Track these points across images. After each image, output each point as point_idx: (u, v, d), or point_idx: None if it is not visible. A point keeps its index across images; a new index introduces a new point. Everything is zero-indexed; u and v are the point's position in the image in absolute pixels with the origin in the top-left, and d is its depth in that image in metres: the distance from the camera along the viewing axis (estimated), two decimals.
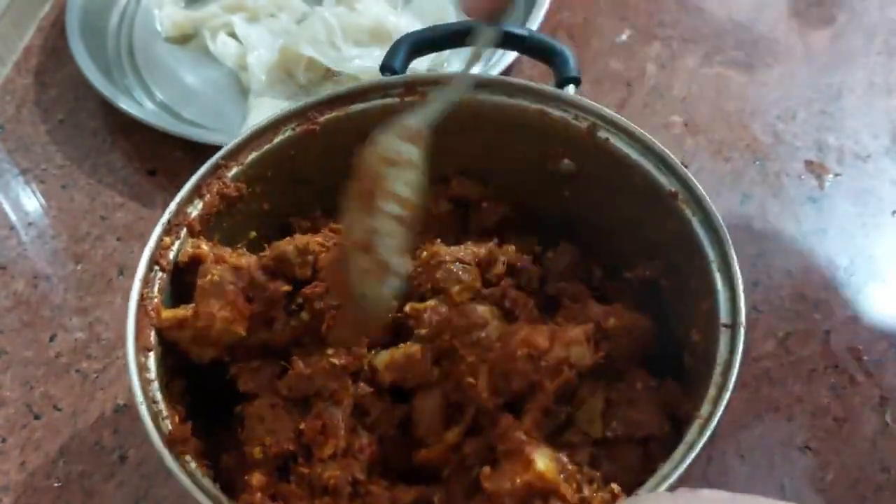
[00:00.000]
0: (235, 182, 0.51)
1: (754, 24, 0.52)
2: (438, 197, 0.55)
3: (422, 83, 0.52)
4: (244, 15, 0.80)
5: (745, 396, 0.56)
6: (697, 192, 0.46)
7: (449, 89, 0.46)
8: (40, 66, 0.80)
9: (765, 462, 0.53)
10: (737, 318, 0.42)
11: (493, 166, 0.55)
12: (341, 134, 0.52)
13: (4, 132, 0.75)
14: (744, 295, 0.42)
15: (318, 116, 0.52)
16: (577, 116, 0.51)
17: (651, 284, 0.50)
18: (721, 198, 0.66)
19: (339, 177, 0.49)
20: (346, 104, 0.52)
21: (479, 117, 0.52)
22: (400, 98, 0.52)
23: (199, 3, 0.84)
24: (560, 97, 0.51)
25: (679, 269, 0.47)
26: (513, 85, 0.52)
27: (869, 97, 0.73)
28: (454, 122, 0.50)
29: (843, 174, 0.67)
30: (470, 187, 0.56)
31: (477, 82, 0.52)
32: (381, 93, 0.53)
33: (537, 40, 0.59)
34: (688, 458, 0.38)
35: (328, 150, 0.52)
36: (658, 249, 0.49)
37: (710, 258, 0.44)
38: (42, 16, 0.84)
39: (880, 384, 0.56)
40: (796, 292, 0.61)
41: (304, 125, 0.52)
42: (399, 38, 0.60)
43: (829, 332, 0.58)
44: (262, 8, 0.80)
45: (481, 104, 0.52)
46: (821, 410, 0.55)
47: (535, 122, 0.51)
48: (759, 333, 0.59)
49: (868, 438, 0.54)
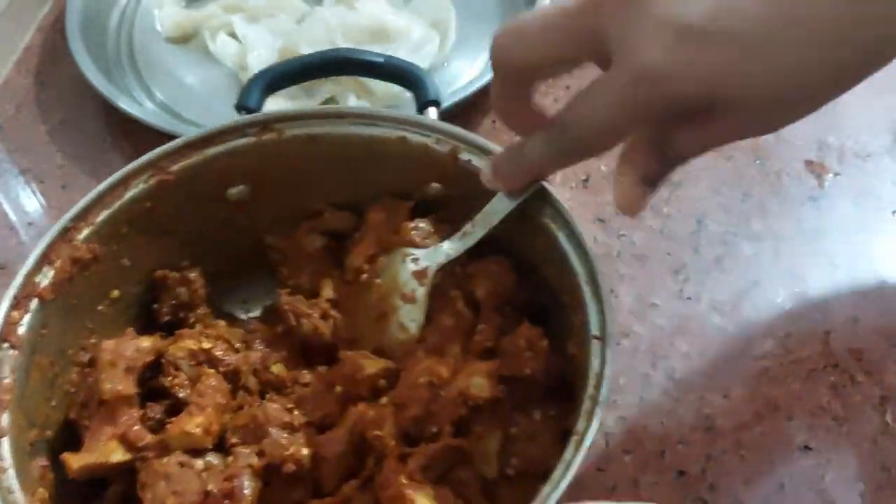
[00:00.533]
0: (87, 244, 0.49)
1: None
2: (311, 232, 0.55)
3: (276, 120, 0.52)
4: (244, 15, 0.79)
5: (745, 396, 0.56)
6: (561, 209, 0.46)
7: (470, 236, 0.48)
8: (40, 66, 0.80)
9: (765, 461, 0.53)
10: (605, 330, 0.41)
11: (364, 197, 0.54)
12: (199, 180, 0.51)
13: (4, 132, 0.75)
14: (614, 309, 0.43)
15: (171, 165, 0.51)
16: (439, 140, 0.50)
17: (534, 305, 0.50)
18: (721, 196, 0.66)
19: (205, 224, 0.52)
20: (199, 149, 0.51)
21: (344, 148, 0.52)
22: (256, 137, 0.51)
23: (200, 3, 0.84)
24: (419, 122, 0.51)
25: (553, 286, 0.47)
26: (373, 114, 0.52)
27: (869, 97, 0.72)
28: (320, 155, 0.52)
29: (843, 174, 0.67)
30: (342, 220, 0.55)
31: (338, 113, 0.52)
32: (237, 134, 0.52)
33: (395, 65, 0.60)
34: (566, 477, 0.37)
35: (188, 198, 0.52)
36: (533, 268, 0.49)
37: (578, 272, 0.44)
38: (42, 16, 0.84)
39: (880, 384, 0.56)
40: (796, 292, 0.61)
41: (157, 176, 0.50)
42: (252, 76, 0.60)
43: (828, 333, 0.58)
44: (262, 8, 0.80)
45: (345, 136, 0.52)
46: (821, 410, 0.55)
47: (397, 149, 0.51)
48: (759, 333, 0.59)
49: (868, 438, 0.53)
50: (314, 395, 0.49)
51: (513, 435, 0.45)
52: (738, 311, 0.60)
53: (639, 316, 0.60)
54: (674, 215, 0.66)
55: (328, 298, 0.53)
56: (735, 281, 0.61)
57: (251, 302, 0.58)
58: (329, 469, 0.45)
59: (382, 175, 0.53)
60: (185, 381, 0.48)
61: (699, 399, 0.56)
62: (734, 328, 0.59)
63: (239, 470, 0.44)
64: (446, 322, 0.48)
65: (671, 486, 0.52)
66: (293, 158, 0.52)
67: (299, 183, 0.54)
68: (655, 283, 0.62)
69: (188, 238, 0.53)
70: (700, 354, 0.58)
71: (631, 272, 0.62)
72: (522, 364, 0.45)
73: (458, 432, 0.44)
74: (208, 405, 0.46)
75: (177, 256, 0.53)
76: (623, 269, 0.63)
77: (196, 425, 0.45)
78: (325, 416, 0.48)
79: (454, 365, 0.46)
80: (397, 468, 0.42)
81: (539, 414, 0.45)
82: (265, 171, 0.53)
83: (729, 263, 0.63)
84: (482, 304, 0.49)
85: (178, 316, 0.53)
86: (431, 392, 0.44)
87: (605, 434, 0.54)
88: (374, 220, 0.53)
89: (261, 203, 0.54)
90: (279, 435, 0.46)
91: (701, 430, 0.54)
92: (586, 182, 0.68)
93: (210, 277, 0.54)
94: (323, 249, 0.55)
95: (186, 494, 0.43)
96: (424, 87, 0.57)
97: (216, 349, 0.49)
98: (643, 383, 0.56)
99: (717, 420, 0.55)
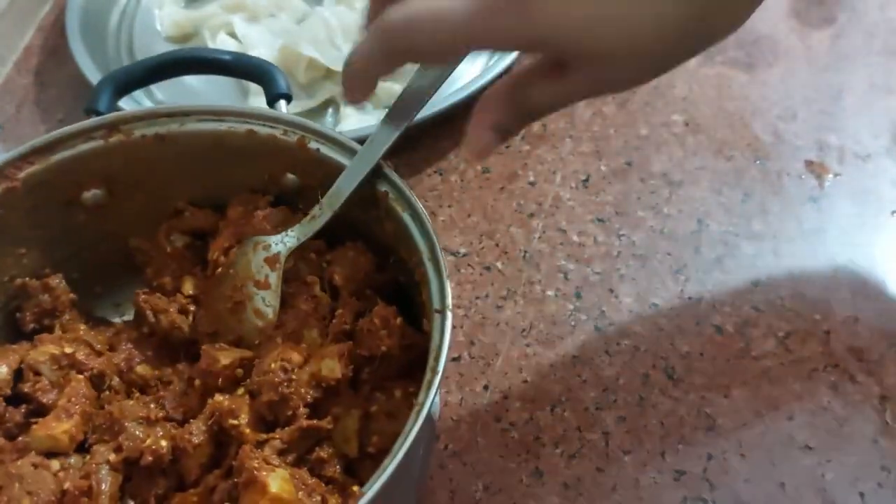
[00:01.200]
0: None
1: (755, 24, 0.52)
2: (172, 231, 0.55)
3: (122, 122, 0.52)
4: (244, 15, 0.80)
5: (746, 395, 0.56)
6: (404, 191, 0.47)
7: (318, 218, 0.49)
8: (40, 66, 0.80)
9: (765, 461, 0.53)
10: (444, 302, 0.42)
11: (223, 193, 0.54)
12: (48, 186, 0.51)
13: (4, 132, 0.75)
14: (449, 282, 0.43)
15: (17, 173, 0.50)
16: (286, 132, 0.51)
17: (394, 286, 0.51)
18: (722, 196, 0.66)
19: (63, 230, 0.52)
20: (46, 155, 0.51)
21: (194, 146, 0.52)
22: (104, 140, 0.51)
23: (200, 2, 0.84)
24: (265, 115, 0.52)
25: (405, 265, 0.48)
26: (218, 110, 0.52)
27: (869, 97, 0.73)
28: (171, 154, 0.52)
29: (843, 174, 0.67)
30: (203, 218, 0.55)
31: (183, 111, 0.52)
32: (84, 137, 0.51)
33: (245, 62, 0.60)
34: (403, 447, 0.38)
35: (40, 205, 0.51)
36: (390, 251, 0.50)
37: (422, 250, 0.45)
38: (42, 16, 0.84)
39: (880, 383, 0.56)
40: (796, 292, 0.61)
41: (3, 183, 0.50)
42: (101, 80, 0.60)
43: (828, 332, 0.58)
44: (263, 8, 0.80)
45: (192, 134, 0.52)
46: (821, 410, 0.55)
47: (246, 142, 0.51)
48: (759, 332, 0.59)
49: (868, 438, 0.53)
50: (175, 392, 0.49)
51: (373, 413, 0.46)
52: (738, 311, 0.60)
53: (639, 316, 0.60)
54: (674, 215, 0.66)
55: (188, 294, 0.53)
56: (735, 281, 0.61)
57: (124, 305, 0.58)
58: (190, 461, 0.45)
59: (235, 170, 0.53)
60: (48, 386, 0.48)
61: (699, 399, 0.56)
62: (734, 328, 0.59)
63: (96, 467, 0.45)
64: (303, 307, 0.49)
65: (671, 486, 0.52)
66: (145, 159, 0.52)
67: (156, 183, 0.54)
68: (655, 283, 0.62)
69: (47, 245, 0.53)
70: (700, 354, 0.58)
71: (631, 272, 0.62)
72: (378, 343, 0.46)
73: (316, 414, 0.45)
74: (76, 412, 0.47)
75: (38, 263, 0.53)
76: (623, 269, 0.63)
77: (63, 431, 0.46)
78: (186, 412, 0.48)
79: (310, 350, 0.47)
80: (252, 454, 0.43)
81: (400, 392, 0.46)
82: (118, 173, 0.52)
83: (729, 263, 0.63)
84: (340, 289, 0.50)
85: (44, 323, 0.52)
86: (284, 377, 0.45)
87: (604, 434, 0.54)
88: (233, 215, 0.53)
89: (120, 206, 0.54)
90: (136, 428, 0.46)
91: (701, 430, 0.54)
92: (586, 182, 0.68)
93: (77, 283, 0.54)
94: (185, 248, 0.55)
95: (42, 494, 0.43)
96: (274, 81, 0.57)
97: (78, 353, 0.50)
98: (643, 383, 0.57)
99: (718, 420, 0.55)
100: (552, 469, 0.53)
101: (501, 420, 0.55)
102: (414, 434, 0.38)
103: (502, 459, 0.54)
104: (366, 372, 0.47)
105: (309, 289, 0.50)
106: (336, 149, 0.50)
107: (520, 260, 0.64)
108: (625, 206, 0.66)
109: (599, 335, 0.59)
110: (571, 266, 0.63)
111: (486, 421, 0.55)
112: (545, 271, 0.63)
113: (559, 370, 0.57)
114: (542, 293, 0.62)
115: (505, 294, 0.62)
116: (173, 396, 0.49)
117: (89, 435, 0.47)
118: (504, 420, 0.55)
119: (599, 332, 0.59)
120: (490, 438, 0.54)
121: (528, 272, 0.63)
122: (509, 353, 0.58)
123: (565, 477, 0.53)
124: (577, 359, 0.58)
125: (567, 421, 0.55)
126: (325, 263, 0.51)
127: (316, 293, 0.50)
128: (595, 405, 0.56)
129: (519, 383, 0.57)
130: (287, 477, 0.42)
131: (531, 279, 0.62)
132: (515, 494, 0.52)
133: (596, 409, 0.55)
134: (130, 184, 0.53)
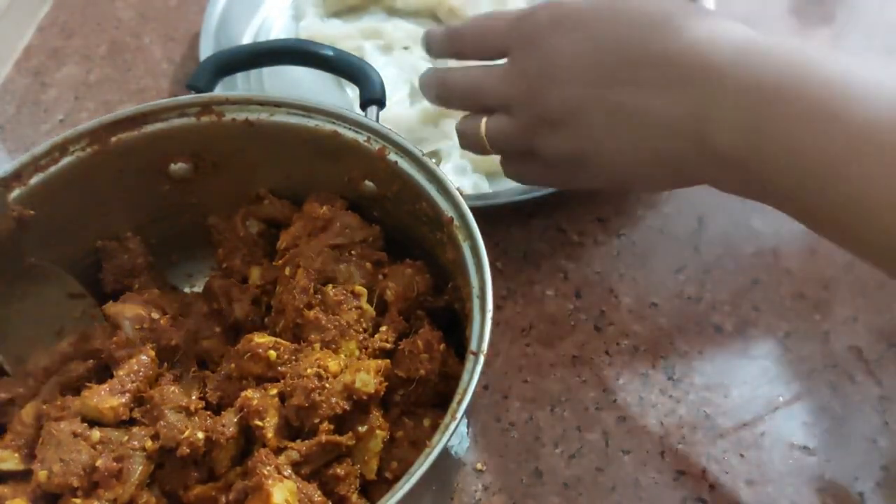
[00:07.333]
0: (20, 205, 0.49)
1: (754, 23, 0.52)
2: (249, 216, 0.55)
3: (217, 103, 0.52)
4: (378, 42, 0.77)
5: (745, 396, 0.56)
6: (468, 219, 0.46)
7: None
8: (40, 66, 0.80)
9: (765, 461, 0.53)
10: (480, 345, 0.41)
11: (303, 187, 0.55)
12: (137, 153, 0.52)
13: (4, 132, 0.75)
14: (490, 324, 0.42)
15: (110, 137, 0.51)
16: (369, 139, 0.51)
17: (450, 310, 0.50)
18: (723, 197, 0.66)
19: (147, 197, 0.54)
20: (139, 124, 0.52)
21: (282, 137, 0.53)
22: (196, 118, 0.52)
23: (344, 16, 0.81)
24: (352, 119, 0.51)
25: (461, 294, 0.47)
26: (308, 106, 0.52)
27: None
28: (258, 141, 0.53)
29: None
30: (281, 208, 0.55)
31: (276, 102, 0.52)
32: (178, 112, 0.52)
33: (345, 59, 0.59)
34: (404, 487, 0.37)
35: (127, 170, 0.53)
36: (448, 275, 0.49)
37: (474, 285, 0.44)
38: (42, 16, 0.84)
39: (880, 384, 0.56)
40: (796, 291, 0.61)
41: (94, 145, 0.51)
42: (205, 59, 0.60)
43: (828, 332, 0.58)
44: (398, 40, 0.77)
45: (280, 125, 0.52)
46: (821, 410, 0.55)
47: (330, 143, 0.52)
48: (759, 332, 0.59)
49: (868, 438, 0.54)
50: (219, 375, 0.49)
51: (398, 438, 0.46)
52: (738, 311, 0.60)
53: (639, 316, 0.60)
54: (674, 215, 0.66)
55: (257, 285, 0.54)
56: (735, 280, 0.62)
57: (196, 276, 0.60)
58: (222, 453, 0.45)
59: (318, 167, 0.53)
60: (123, 340, 0.49)
61: (699, 399, 0.56)
62: (734, 328, 0.59)
63: (131, 452, 0.45)
64: (345, 317, 0.48)
65: (671, 486, 0.52)
66: (233, 142, 0.53)
67: (240, 167, 0.55)
68: (655, 282, 0.62)
69: (130, 208, 0.54)
70: (700, 354, 0.58)
71: (631, 272, 0.62)
72: (417, 366, 0.46)
73: (339, 429, 0.45)
74: (130, 389, 0.47)
75: (120, 226, 0.55)
76: (623, 269, 0.63)
77: (110, 407, 0.46)
78: (222, 397, 0.48)
79: (347, 361, 0.46)
80: (266, 460, 0.43)
81: (429, 422, 0.46)
82: (206, 151, 0.54)
83: (729, 263, 0.63)
84: (390, 306, 0.50)
85: (123, 283, 0.54)
86: (318, 384, 0.44)
87: (605, 434, 0.54)
88: (309, 211, 0.53)
89: (204, 182, 0.55)
90: (175, 417, 0.46)
91: (701, 430, 0.54)
92: None
93: (155, 249, 0.56)
94: (258, 235, 0.56)
95: (72, 465, 0.43)
96: (371, 83, 0.57)
97: (163, 320, 0.51)
98: (643, 383, 0.57)
99: (717, 420, 0.55)
100: (552, 469, 0.53)
101: (501, 420, 0.55)
102: (418, 476, 0.37)
103: (502, 459, 0.54)
104: (399, 394, 0.46)
105: (356, 299, 0.49)
106: (414, 165, 0.49)
107: (520, 260, 0.64)
108: (625, 205, 0.66)
109: (599, 335, 0.59)
110: (571, 266, 0.63)
111: (486, 421, 0.55)
112: (545, 271, 0.63)
113: (559, 370, 0.57)
114: (542, 293, 0.62)
115: (505, 294, 0.62)
116: (216, 379, 0.49)
117: (134, 412, 0.47)
118: (504, 420, 0.55)
119: (599, 332, 0.59)
120: (490, 438, 0.55)
121: (528, 272, 0.63)
122: (509, 352, 0.58)
123: (565, 477, 0.53)
124: (577, 359, 0.58)
125: (567, 421, 0.55)
126: (382, 276, 0.50)
127: (362, 305, 0.49)
128: (595, 405, 0.56)
129: (519, 383, 0.57)
130: (293, 490, 0.42)
131: (531, 279, 0.62)
132: (515, 494, 0.52)
133: (596, 409, 0.56)
134: (216, 163, 0.55)
